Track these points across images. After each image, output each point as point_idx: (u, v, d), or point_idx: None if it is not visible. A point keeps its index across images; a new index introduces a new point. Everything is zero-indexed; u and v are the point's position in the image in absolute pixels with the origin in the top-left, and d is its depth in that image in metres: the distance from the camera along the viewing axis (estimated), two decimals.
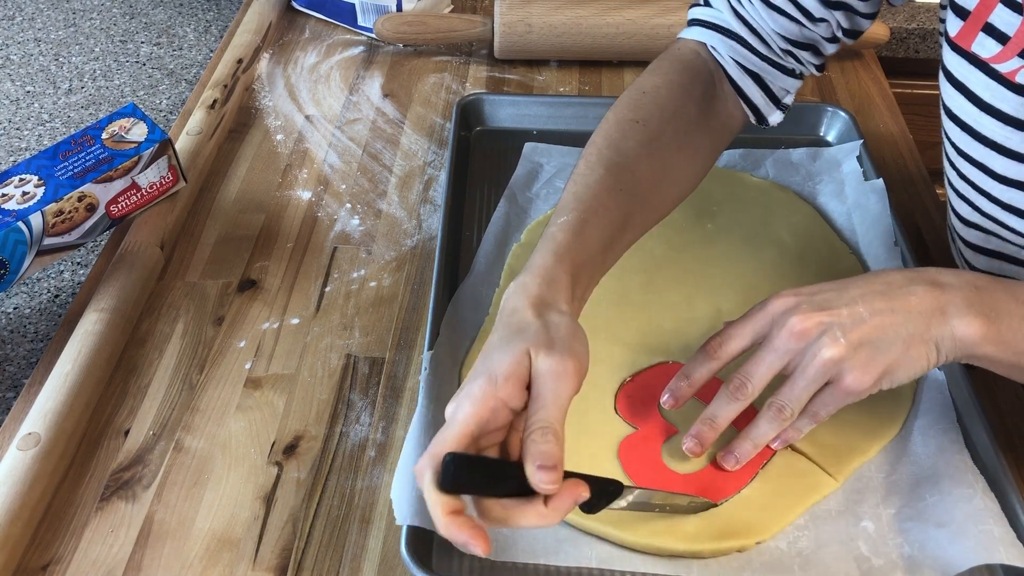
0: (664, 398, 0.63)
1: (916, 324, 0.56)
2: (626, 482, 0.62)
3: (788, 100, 0.76)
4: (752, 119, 0.76)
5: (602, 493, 0.56)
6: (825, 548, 0.60)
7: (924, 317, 0.56)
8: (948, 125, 0.68)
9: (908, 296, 0.57)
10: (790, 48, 0.72)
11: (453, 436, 0.51)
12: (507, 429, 0.54)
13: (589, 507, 0.55)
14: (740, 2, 0.71)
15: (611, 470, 0.63)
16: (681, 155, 0.70)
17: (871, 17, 0.71)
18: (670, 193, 0.70)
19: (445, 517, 0.49)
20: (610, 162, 0.66)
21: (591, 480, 0.54)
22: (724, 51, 0.73)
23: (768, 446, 0.62)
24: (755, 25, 0.71)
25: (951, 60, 0.65)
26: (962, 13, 0.62)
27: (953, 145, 0.68)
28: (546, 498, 0.51)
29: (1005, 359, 0.57)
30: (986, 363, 0.58)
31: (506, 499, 0.51)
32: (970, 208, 0.69)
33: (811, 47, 0.72)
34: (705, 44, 0.74)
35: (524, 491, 0.50)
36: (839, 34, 0.71)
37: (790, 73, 0.74)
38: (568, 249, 0.59)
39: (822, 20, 0.70)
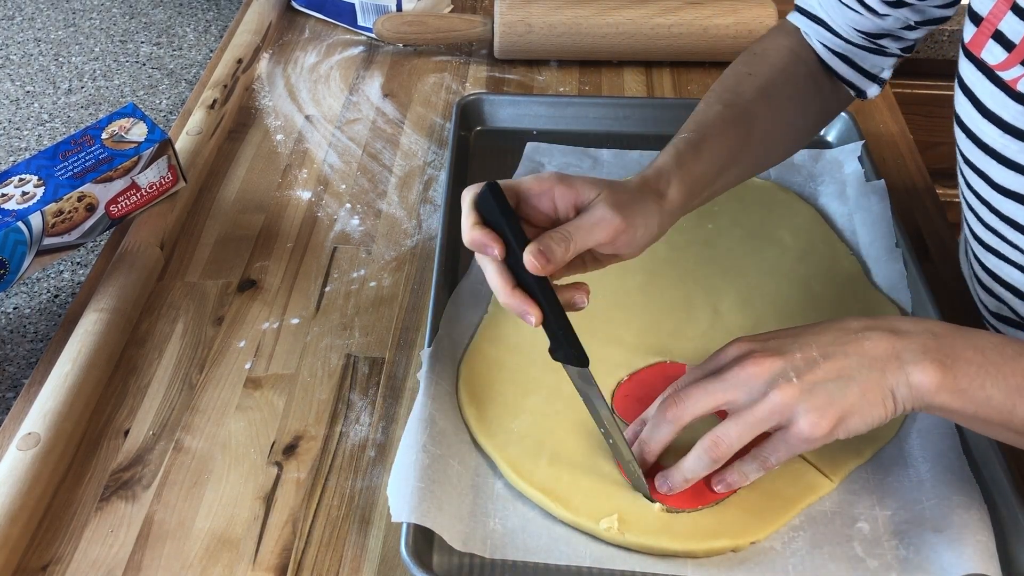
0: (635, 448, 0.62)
1: (871, 369, 0.55)
2: (622, 480, 0.63)
3: (886, 75, 0.78)
4: (851, 93, 0.79)
5: (570, 348, 0.60)
6: (820, 549, 0.60)
7: (879, 363, 0.55)
8: (957, 132, 0.68)
9: (862, 341, 0.56)
10: (865, 37, 0.74)
11: (503, 182, 0.60)
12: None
13: (552, 349, 0.61)
14: None
15: (606, 467, 0.63)
16: (792, 105, 0.75)
17: (950, 6, 0.71)
18: (782, 140, 0.75)
19: (471, 228, 0.59)
20: (727, 101, 0.71)
21: (571, 336, 0.59)
22: (813, 35, 0.77)
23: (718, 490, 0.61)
24: (832, 15, 0.75)
25: (964, 67, 0.65)
26: (976, 19, 0.63)
27: (961, 154, 0.68)
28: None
29: (963, 409, 0.55)
30: (945, 414, 0.56)
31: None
32: (975, 218, 0.69)
33: (887, 36, 0.74)
34: (799, 28, 0.78)
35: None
36: (914, 24, 0.73)
37: (879, 53, 0.76)
38: (685, 159, 0.66)
39: (887, 15, 0.71)
